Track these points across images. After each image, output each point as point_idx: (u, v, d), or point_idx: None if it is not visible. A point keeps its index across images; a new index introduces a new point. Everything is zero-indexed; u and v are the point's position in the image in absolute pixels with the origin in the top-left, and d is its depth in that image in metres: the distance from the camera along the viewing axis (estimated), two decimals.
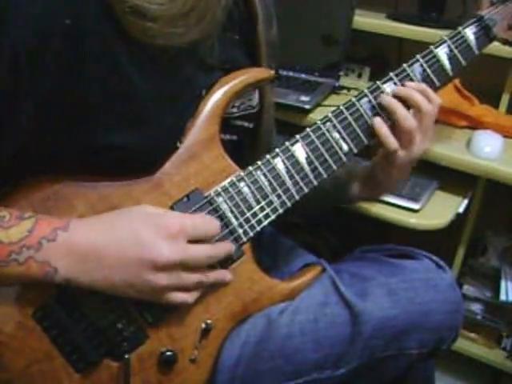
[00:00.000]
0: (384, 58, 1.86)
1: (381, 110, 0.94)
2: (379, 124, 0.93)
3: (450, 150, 1.42)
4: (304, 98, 1.55)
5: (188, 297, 0.81)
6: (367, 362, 0.92)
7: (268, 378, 0.89)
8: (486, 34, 1.01)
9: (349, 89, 1.68)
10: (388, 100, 0.93)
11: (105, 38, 0.72)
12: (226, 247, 0.84)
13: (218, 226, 0.83)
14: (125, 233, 0.76)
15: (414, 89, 0.93)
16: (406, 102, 0.93)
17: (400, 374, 0.98)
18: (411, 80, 0.95)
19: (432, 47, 0.97)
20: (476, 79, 1.44)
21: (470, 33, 0.99)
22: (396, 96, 0.93)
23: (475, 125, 1.52)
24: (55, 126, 0.75)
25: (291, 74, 1.73)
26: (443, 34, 1.02)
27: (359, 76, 1.79)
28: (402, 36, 1.61)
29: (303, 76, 1.73)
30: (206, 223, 0.82)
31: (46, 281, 0.74)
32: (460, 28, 0.99)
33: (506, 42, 1.07)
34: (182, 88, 0.83)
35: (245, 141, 0.98)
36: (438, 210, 1.43)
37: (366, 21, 1.63)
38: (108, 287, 0.76)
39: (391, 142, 0.93)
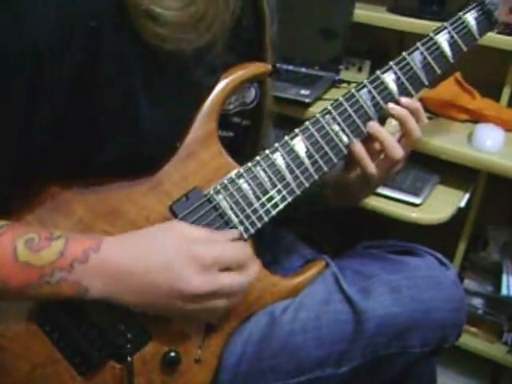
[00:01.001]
0: (385, 51, 1.84)
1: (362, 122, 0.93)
2: (359, 148, 0.92)
3: (451, 144, 1.42)
4: (304, 92, 1.54)
5: (215, 317, 0.84)
6: (370, 360, 0.91)
7: (270, 376, 0.89)
8: (487, 18, 0.99)
9: (349, 82, 1.67)
10: (376, 129, 0.92)
11: (119, 39, 0.71)
12: (256, 268, 0.83)
13: (247, 250, 0.82)
14: (157, 259, 0.75)
15: (409, 110, 0.93)
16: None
17: (402, 371, 0.98)
18: (411, 69, 0.94)
19: (432, 34, 0.95)
20: (477, 72, 1.43)
21: (470, 18, 0.98)
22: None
23: (476, 118, 1.51)
24: (66, 130, 0.74)
25: (291, 67, 1.72)
26: None
27: (359, 70, 1.78)
28: (402, 29, 1.60)
29: (303, 70, 1.72)
30: (240, 251, 0.81)
31: (77, 299, 0.74)
32: (460, 13, 0.98)
33: (507, 26, 1.05)
34: (188, 92, 0.82)
35: (242, 138, 0.97)
36: (439, 204, 1.42)
37: (367, 14, 1.62)
38: (139, 307, 0.77)
39: (370, 167, 0.93)
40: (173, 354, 0.83)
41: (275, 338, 0.89)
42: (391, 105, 0.93)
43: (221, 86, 0.86)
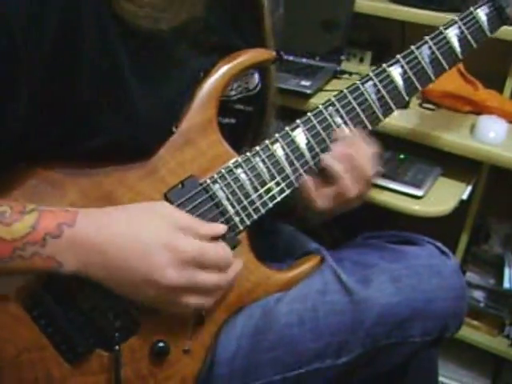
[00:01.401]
0: (386, 42, 1.83)
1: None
2: (307, 184, 0.90)
3: (454, 136, 1.40)
4: (305, 83, 1.53)
5: (187, 312, 0.81)
6: (370, 351, 0.90)
7: (268, 370, 0.88)
8: (498, 15, 0.98)
9: (350, 73, 1.65)
10: (327, 163, 0.90)
11: (99, 20, 0.70)
12: (236, 270, 0.82)
13: (230, 257, 0.80)
14: (135, 243, 0.74)
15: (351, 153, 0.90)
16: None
17: (403, 362, 0.97)
18: (418, 63, 0.92)
19: (442, 28, 0.94)
20: (480, 63, 1.42)
21: (482, 13, 0.97)
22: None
23: (479, 110, 1.49)
24: (48, 114, 0.73)
25: (292, 58, 1.71)
26: (447, 17, 1.00)
27: (361, 60, 1.77)
28: (404, 19, 1.58)
29: (304, 61, 1.70)
30: (222, 252, 0.79)
31: (52, 273, 0.73)
32: (472, 8, 0.96)
33: None
34: (176, 71, 0.81)
35: (244, 125, 0.96)
36: (442, 196, 1.40)
37: (368, 4, 1.59)
38: (113, 287, 0.75)
39: (319, 202, 0.91)
40: (161, 344, 0.82)
41: (271, 330, 0.88)
42: (325, 156, 0.90)
43: (221, 71, 0.85)
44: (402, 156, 1.50)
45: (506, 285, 1.63)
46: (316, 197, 0.91)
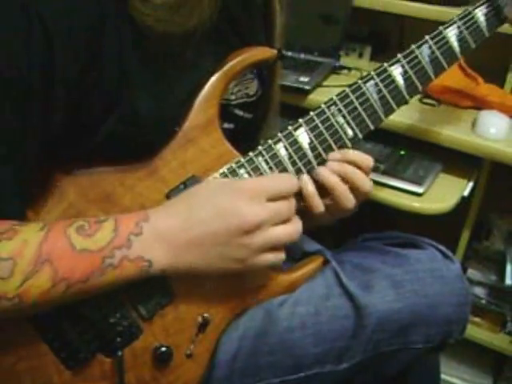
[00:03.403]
0: (385, 36, 1.82)
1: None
2: (306, 184, 0.88)
3: (454, 131, 1.39)
4: (303, 79, 1.51)
5: (279, 255, 0.80)
6: (371, 357, 0.89)
7: (268, 373, 0.87)
8: (496, 15, 0.98)
9: (349, 69, 1.63)
10: (323, 178, 0.88)
11: (119, 30, 0.71)
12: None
13: (294, 181, 0.82)
14: (204, 209, 0.75)
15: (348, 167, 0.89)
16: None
17: (405, 367, 0.96)
18: (419, 63, 0.92)
19: (441, 28, 0.94)
20: (481, 57, 1.40)
21: (480, 14, 0.97)
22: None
23: (480, 105, 1.48)
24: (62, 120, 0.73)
25: (290, 53, 1.69)
26: (446, 11, 0.99)
27: (360, 55, 1.75)
28: (403, 13, 1.56)
29: (302, 56, 1.69)
30: (282, 180, 0.80)
31: (141, 277, 0.73)
32: (470, 8, 0.96)
33: None
34: (184, 73, 0.81)
35: (242, 131, 0.95)
36: (443, 193, 1.39)
37: None
38: (206, 266, 0.76)
39: (316, 205, 0.88)
40: (164, 348, 0.81)
41: (272, 333, 0.87)
42: (320, 169, 0.89)
43: (222, 70, 0.84)
44: (402, 152, 1.49)
45: (508, 281, 1.62)
46: (317, 201, 0.89)
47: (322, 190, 0.89)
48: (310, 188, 0.87)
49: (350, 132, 0.90)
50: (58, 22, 0.66)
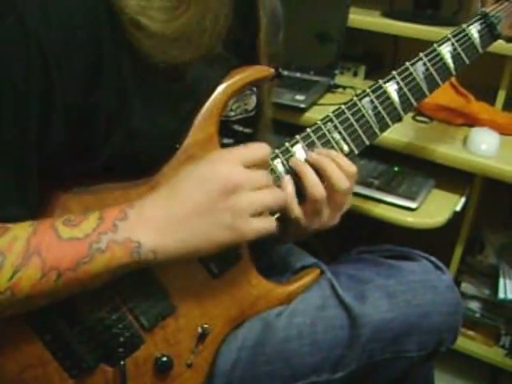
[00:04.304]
0: (379, 55, 1.85)
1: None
2: (287, 184, 0.88)
3: (447, 148, 1.42)
4: (299, 97, 1.54)
5: (268, 221, 0.80)
6: (366, 365, 0.91)
7: (266, 382, 0.89)
8: (490, 31, 1.00)
9: (344, 87, 1.66)
10: (297, 163, 0.89)
11: (115, 42, 0.71)
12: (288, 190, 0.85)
13: (267, 149, 0.83)
14: (184, 184, 0.76)
15: (326, 158, 0.88)
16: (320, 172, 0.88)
17: (399, 376, 0.98)
18: (413, 79, 0.94)
19: (435, 45, 0.95)
20: (472, 76, 1.43)
21: (474, 30, 0.98)
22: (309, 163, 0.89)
23: (472, 122, 1.51)
24: (72, 135, 0.74)
25: (286, 72, 1.71)
26: (439, 31, 1.01)
27: (355, 74, 1.79)
28: (397, 33, 1.60)
29: (298, 75, 1.72)
30: (256, 147, 0.82)
31: (134, 260, 0.73)
32: (464, 25, 0.98)
33: (509, 40, 1.06)
34: (183, 94, 0.82)
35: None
36: (435, 208, 1.42)
37: (361, 19, 1.62)
38: (198, 242, 0.75)
39: (292, 208, 0.88)
40: (165, 358, 0.83)
41: (270, 343, 0.89)
42: (294, 160, 0.89)
43: (220, 89, 0.86)
44: (396, 168, 1.51)
45: (501, 295, 1.63)
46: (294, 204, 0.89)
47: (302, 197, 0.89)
48: (289, 188, 0.88)
49: (345, 148, 0.92)
50: (57, 49, 0.67)
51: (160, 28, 0.72)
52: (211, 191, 0.75)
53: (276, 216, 0.86)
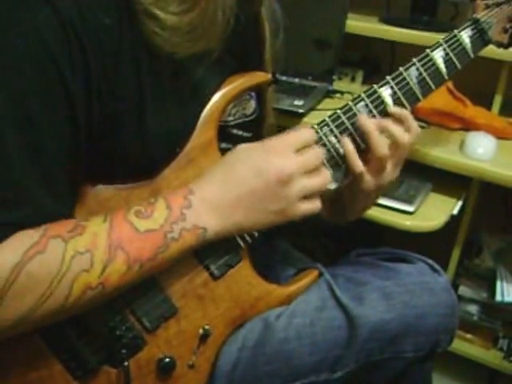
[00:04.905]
0: (377, 61, 1.87)
1: (355, 130, 0.92)
2: (346, 143, 0.92)
3: (444, 152, 1.43)
4: (298, 103, 1.56)
5: (315, 203, 0.86)
6: (364, 365, 0.92)
7: (266, 381, 0.89)
8: (481, 37, 1.01)
9: (342, 92, 1.68)
10: (364, 123, 0.92)
11: (132, 40, 0.74)
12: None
13: (312, 132, 0.89)
14: (240, 171, 0.81)
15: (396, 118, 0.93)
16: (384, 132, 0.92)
17: (397, 376, 0.98)
18: (407, 84, 0.95)
19: (428, 51, 0.97)
20: (468, 81, 1.44)
21: (465, 36, 1.00)
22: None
23: (468, 126, 1.52)
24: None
25: (284, 78, 1.73)
26: (435, 36, 1.02)
27: (352, 79, 1.80)
28: (394, 39, 1.62)
29: (296, 80, 1.73)
30: (302, 132, 0.87)
31: (199, 243, 0.80)
32: (455, 31, 0.99)
33: (500, 45, 1.08)
34: (189, 96, 0.84)
35: None
36: (433, 212, 1.43)
37: (359, 24, 1.63)
38: (252, 223, 0.82)
39: (357, 164, 0.92)
40: (167, 359, 0.84)
41: (270, 344, 0.90)
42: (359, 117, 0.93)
43: (220, 93, 0.88)
44: None
45: (499, 298, 1.64)
46: (355, 158, 0.93)
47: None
48: (350, 147, 0.92)
49: (341, 151, 0.93)
50: (91, 37, 0.70)
51: (173, 20, 0.75)
52: (268, 180, 0.80)
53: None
